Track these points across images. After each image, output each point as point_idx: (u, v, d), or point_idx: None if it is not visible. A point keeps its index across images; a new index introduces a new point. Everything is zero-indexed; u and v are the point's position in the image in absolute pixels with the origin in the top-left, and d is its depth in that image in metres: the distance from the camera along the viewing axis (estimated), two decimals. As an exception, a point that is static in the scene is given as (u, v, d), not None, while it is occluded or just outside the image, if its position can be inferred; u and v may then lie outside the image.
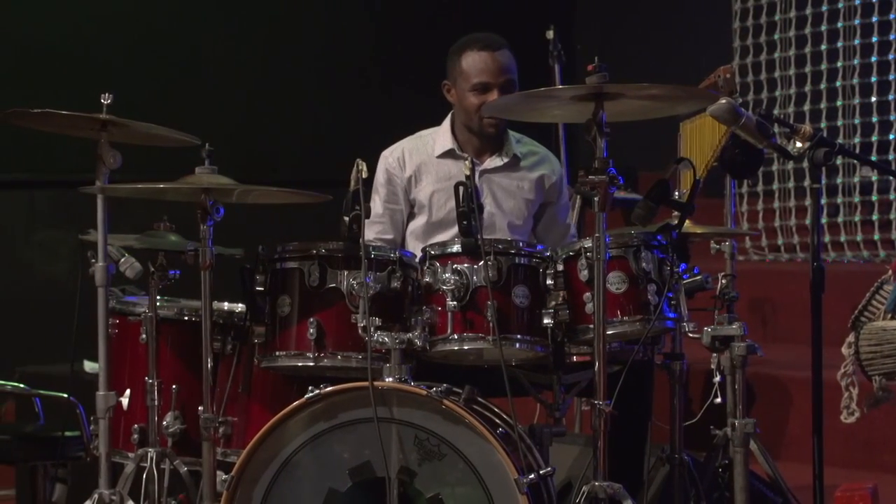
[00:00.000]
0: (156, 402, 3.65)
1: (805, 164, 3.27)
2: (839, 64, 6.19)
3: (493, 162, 4.11)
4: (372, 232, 4.04)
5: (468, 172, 3.31)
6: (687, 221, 3.51)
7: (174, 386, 3.70)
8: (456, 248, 3.36)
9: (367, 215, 3.33)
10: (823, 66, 6.25)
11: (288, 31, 6.96)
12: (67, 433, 4.14)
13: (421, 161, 4.12)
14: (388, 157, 4.14)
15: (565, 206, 4.27)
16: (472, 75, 4.01)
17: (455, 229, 3.87)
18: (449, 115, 4.16)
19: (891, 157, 6.00)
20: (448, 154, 4.11)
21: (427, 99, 4.33)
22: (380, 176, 4.12)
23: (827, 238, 6.10)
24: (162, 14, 6.56)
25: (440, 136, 4.14)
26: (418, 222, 4.12)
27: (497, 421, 3.34)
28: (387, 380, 3.25)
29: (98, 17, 6.37)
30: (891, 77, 6.03)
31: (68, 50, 6.25)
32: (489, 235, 3.44)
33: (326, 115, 6.97)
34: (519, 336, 3.34)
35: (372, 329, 3.25)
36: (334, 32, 7.12)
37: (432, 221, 4.09)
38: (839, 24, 6.18)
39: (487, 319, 3.29)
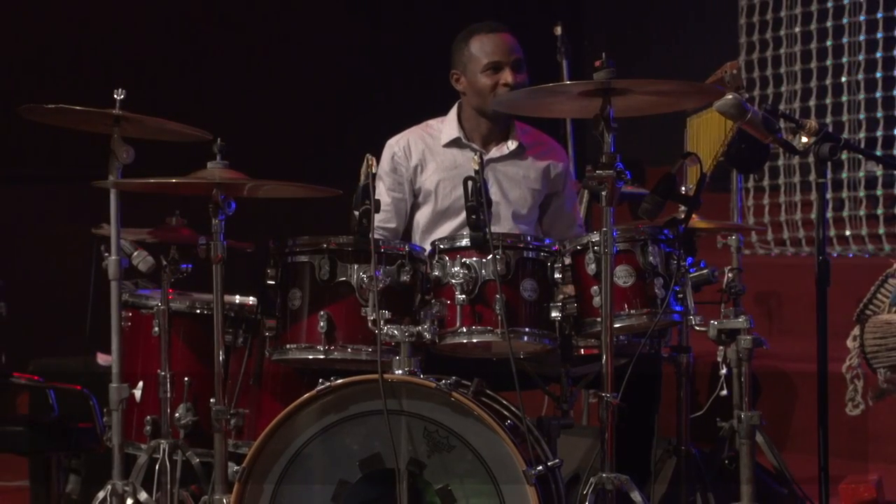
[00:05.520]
0: (168, 395, 3.69)
1: (810, 158, 3.29)
2: (844, 60, 6.19)
3: (500, 150, 4.13)
4: (375, 220, 4.04)
5: (477, 167, 3.33)
6: (693, 216, 3.53)
7: (186, 378, 3.73)
8: (465, 241, 3.39)
9: (377, 209, 3.36)
10: (829, 62, 6.25)
11: (298, 26, 6.97)
12: (81, 425, 4.17)
13: (427, 150, 4.14)
14: (394, 146, 4.16)
15: (571, 197, 4.28)
16: (482, 57, 4.04)
17: (461, 218, 3.92)
18: (455, 105, 4.19)
19: (895, 151, 6.01)
20: (454, 143, 4.13)
21: (435, 93, 4.35)
22: (384, 164, 4.13)
23: (832, 232, 6.11)
24: (174, 10, 6.59)
25: (446, 126, 4.16)
26: (424, 212, 4.13)
27: (505, 413, 3.37)
28: (396, 372, 3.27)
29: (111, 13, 6.40)
30: (895, 73, 6.04)
31: (81, 45, 6.27)
32: (493, 225, 3.46)
33: (336, 110, 6.98)
34: (527, 329, 3.37)
35: (382, 322, 3.28)
36: (343, 27, 7.13)
37: (438, 210, 4.10)
38: (844, 20, 6.18)
39: (496, 312, 3.32)
